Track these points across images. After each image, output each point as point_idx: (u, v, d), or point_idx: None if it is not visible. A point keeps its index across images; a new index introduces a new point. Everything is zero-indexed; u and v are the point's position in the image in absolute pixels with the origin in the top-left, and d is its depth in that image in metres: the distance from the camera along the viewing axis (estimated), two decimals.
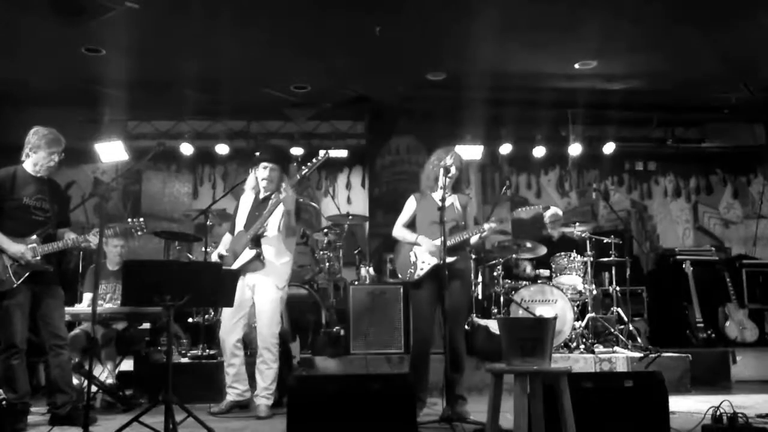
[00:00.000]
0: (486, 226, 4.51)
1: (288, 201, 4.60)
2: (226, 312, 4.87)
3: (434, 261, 4.44)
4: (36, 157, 4.36)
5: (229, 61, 6.78)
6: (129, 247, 5.98)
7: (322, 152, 4.78)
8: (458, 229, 4.54)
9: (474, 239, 4.59)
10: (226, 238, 5.01)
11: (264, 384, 4.73)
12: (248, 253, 4.68)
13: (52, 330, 4.34)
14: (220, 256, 4.87)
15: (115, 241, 5.58)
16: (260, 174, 4.83)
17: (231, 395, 4.83)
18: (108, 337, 5.28)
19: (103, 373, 5.28)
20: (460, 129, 7.90)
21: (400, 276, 4.73)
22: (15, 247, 4.19)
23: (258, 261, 4.69)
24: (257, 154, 5.07)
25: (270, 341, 4.74)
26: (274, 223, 4.72)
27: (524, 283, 6.41)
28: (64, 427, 4.21)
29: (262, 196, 4.87)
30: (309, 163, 4.71)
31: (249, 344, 5.25)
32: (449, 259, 4.33)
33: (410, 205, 4.77)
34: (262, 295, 4.75)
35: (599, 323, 6.58)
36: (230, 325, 4.82)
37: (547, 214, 7.09)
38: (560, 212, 7.29)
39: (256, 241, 4.70)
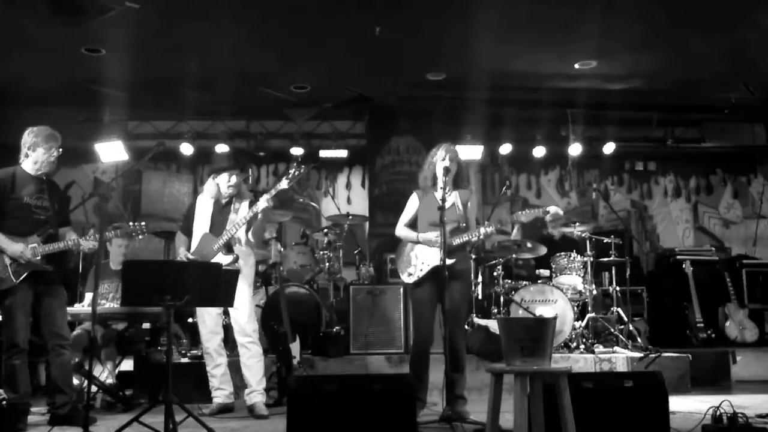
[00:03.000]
0: (489, 230, 4.50)
1: (266, 210, 4.70)
2: (204, 316, 4.88)
3: (435, 262, 4.43)
4: (35, 155, 4.37)
5: (229, 61, 6.78)
6: (132, 247, 5.98)
7: (300, 166, 4.77)
8: (459, 231, 4.53)
9: (474, 240, 4.59)
10: (181, 239, 5.02)
11: (255, 379, 4.76)
12: (225, 259, 4.71)
13: (55, 330, 4.34)
14: (188, 260, 4.87)
15: (119, 240, 5.58)
16: (225, 182, 4.90)
17: (219, 398, 4.85)
18: (108, 337, 5.28)
19: (103, 373, 5.28)
20: (460, 129, 7.90)
21: (401, 276, 4.73)
22: (14, 247, 4.19)
23: (235, 264, 4.73)
24: (217, 163, 5.20)
25: (254, 336, 4.80)
26: (242, 228, 4.80)
27: (524, 283, 6.41)
28: (64, 427, 4.20)
29: (224, 200, 4.94)
30: (288, 175, 4.71)
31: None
32: (449, 261, 4.33)
33: (413, 203, 4.76)
34: (237, 296, 4.76)
35: (599, 323, 6.58)
36: (212, 328, 4.88)
37: (549, 212, 7.07)
38: (561, 212, 7.27)
39: (228, 247, 4.77)
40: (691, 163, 9.20)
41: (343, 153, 8.44)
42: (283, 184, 4.66)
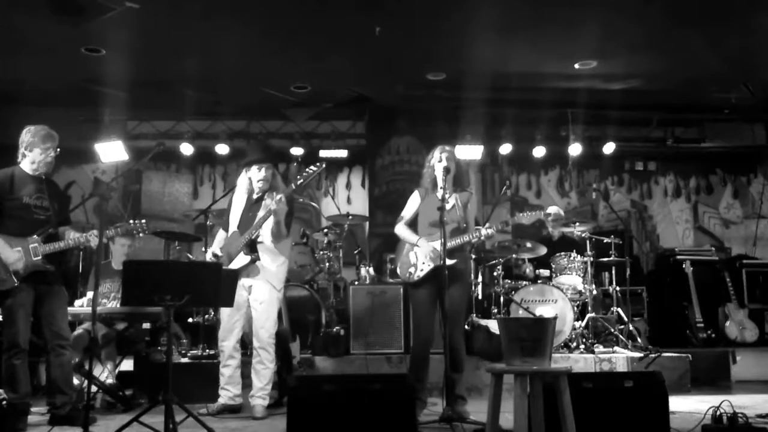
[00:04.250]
0: (490, 231, 4.50)
1: (279, 212, 4.62)
2: (224, 314, 4.86)
3: (435, 262, 4.43)
4: (32, 155, 4.36)
5: (229, 61, 6.79)
6: (134, 247, 5.99)
7: (317, 163, 4.77)
8: (459, 231, 4.53)
9: (474, 241, 4.59)
10: (220, 236, 5.01)
11: (260, 384, 4.73)
12: (244, 258, 4.68)
13: (56, 330, 4.34)
14: (215, 256, 4.87)
15: (122, 240, 5.57)
16: (255, 176, 4.82)
17: (223, 398, 4.82)
18: (108, 337, 5.28)
19: (103, 373, 5.28)
20: (460, 129, 7.89)
21: (400, 276, 4.73)
22: (9, 254, 4.17)
23: (254, 266, 4.69)
24: (249, 155, 5.03)
25: (267, 341, 4.74)
26: (267, 228, 4.71)
27: (524, 283, 6.41)
28: (64, 427, 4.20)
29: (255, 195, 4.87)
30: (305, 173, 4.69)
31: (249, 344, 5.26)
32: (449, 262, 4.32)
33: (414, 201, 4.74)
34: (258, 297, 4.75)
35: (599, 323, 6.58)
36: (229, 326, 4.82)
37: (549, 212, 7.10)
38: (562, 212, 7.29)
39: (251, 246, 4.70)
40: (691, 163, 9.19)
41: (343, 153, 8.44)
42: (298, 183, 4.65)
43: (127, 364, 5.54)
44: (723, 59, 6.81)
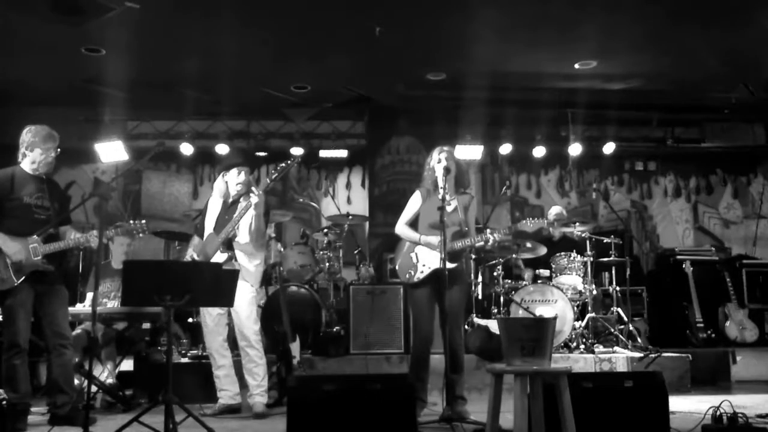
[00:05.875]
0: (496, 236, 4.50)
1: (259, 205, 4.66)
2: (206, 317, 4.87)
3: (435, 265, 4.42)
4: (33, 155, 4.36)
5: (229, 61, 6.78)
6: (133, 246, 5.99)
7: (290, 159, 4.83)
8: (460, 235, 4.52)
9: (478, 246, 4.59)
10: (196, 241, 5.02)
11: (256, 382, 4.74)
12: (220, 257, 4.70)
13: (56, 329, 4.34)
14: (193, 260, 4.87)
15: (121, 239, 5.57)
16: (234, 179, 4.86)
17: (224, 398, 4.82)
18: (108, 337, 5.28)
19: (103, 373, 5.28)
20: (460, 129, 7.90)
21: (399, 277, 4.73)
22: (11, 247, 4.18)
23: (230, 264, 4.70)
24: (226, 160, 5.06)
25: (253, 338, 4.75)
26: (244, 226, 4.73)
27: (524, 283, 6.42)
28: (64, 427, 4.20)
29: (231, 199, 4.89)
30: (278, 168, 4.72)
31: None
32: (450, 265, 4.31)
33: (415, 201, 4.72)
34: (237, 297, 4.74)
35: (599, 323, 6.58)
36: (212, 327, 4.84)
37: (552, 213, 7.11)
38: (564, 212, 7.30)
39: (227, 245, 4.73)
40: (691, 163, 9.19)
41: (343, 153, 8.45)
42: (273, 178, 4.69)
43: (127, 364, 5.54)
44: (723, 59, 6.81)
